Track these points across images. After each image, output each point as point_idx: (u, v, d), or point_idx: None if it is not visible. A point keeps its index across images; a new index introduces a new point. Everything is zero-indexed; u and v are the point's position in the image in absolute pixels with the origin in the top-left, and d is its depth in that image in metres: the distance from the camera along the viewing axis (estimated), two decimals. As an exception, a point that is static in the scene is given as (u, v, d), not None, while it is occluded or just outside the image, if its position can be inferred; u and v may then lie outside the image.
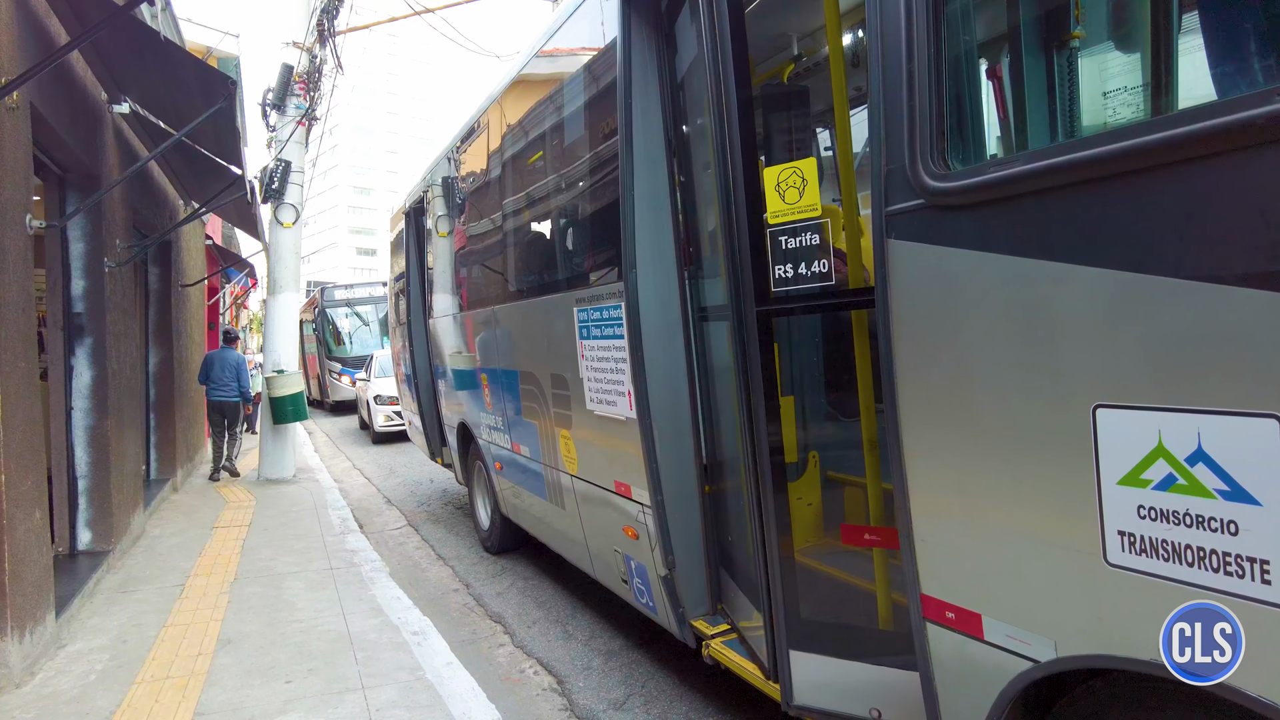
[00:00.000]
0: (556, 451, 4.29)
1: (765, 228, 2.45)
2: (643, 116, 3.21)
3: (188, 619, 4.52)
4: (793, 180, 2.37)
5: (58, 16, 4.81)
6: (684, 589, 3.32)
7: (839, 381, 3.24)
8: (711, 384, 3.29)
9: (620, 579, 3.87)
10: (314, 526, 6.86)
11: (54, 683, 3.69)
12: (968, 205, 1.80)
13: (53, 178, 5.36)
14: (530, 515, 5.15)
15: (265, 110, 9.58)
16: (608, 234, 3.43)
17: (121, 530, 5.90)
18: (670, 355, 3.27)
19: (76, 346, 5.56)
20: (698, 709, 3.45)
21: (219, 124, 5.21)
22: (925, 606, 2.02)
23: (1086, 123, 2.44)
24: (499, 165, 5.10)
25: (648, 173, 3.21)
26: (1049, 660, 1.72)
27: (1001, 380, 1.78)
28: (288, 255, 9.60)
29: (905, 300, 1.96)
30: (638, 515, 3.44)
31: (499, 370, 5.12)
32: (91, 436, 5.60)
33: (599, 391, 3.64)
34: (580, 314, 3.72)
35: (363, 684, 3.59)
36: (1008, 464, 1.77)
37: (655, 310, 3.23)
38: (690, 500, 3.30)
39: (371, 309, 20.41)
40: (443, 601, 5.08)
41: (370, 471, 10.66)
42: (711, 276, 3.28)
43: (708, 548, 3.32)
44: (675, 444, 3.29)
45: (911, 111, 1.89)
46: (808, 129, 4.02)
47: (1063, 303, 1.63)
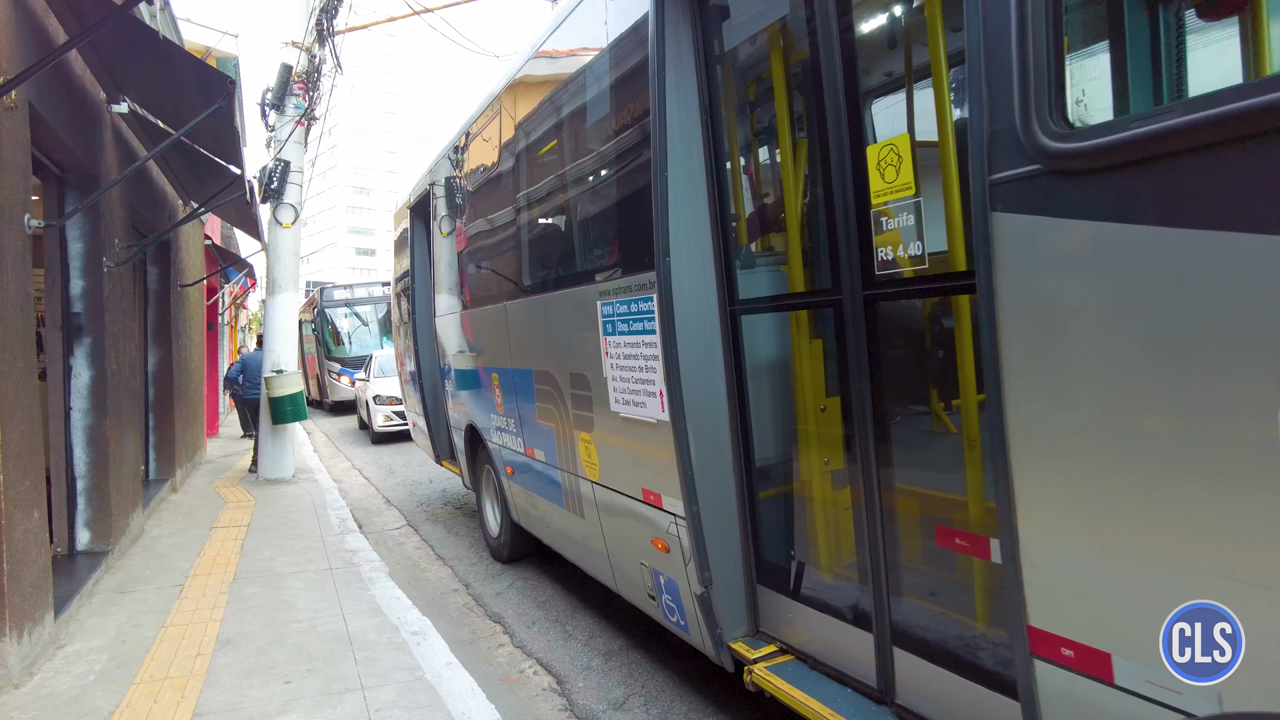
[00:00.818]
0: (575, 456, 4.05)
1: (868, 208, 2.31)
2: (677, 93, 2.97)
3: (187, 619, 4.51)
4: (890, 158, 2.22)
5: (56, 16, 4.80)
6: (722, 608, 3.04)
7: (902, 377, 2.89)
8: (754, 382, 3.05)
9: (647, 595, 3.62)
10: (313, 527, 6.85)
11: (52, 683, 3.69)
12: (1100, 169, 1.54)
13: (51, 177, 5.35)
14: (545, 524, 4.90)
15: (264, 110, 9.57)
16: (637, 221, 3.21)
17: (120, 530, 5.90)
18: (706, 351, 3.00)
19: (75, 346, 5.55)
20: (697, 709, 3.44)
21: (218, 124, 5.20)
22: (1033, 641, 1.78)
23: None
24: (513, 152, 4.81)
25: (683, 153, 2.98)
26: (1210, 716, 1.46)
27: (1145, 378, 1.53)
28: (286, 255, 9.59)
29: (1015, 283, 1.71)
30: (669, 527, 3.18)
31: (512, 370, 4.88)
32: (90, 436, 5.59)
33: (625, 392, 3.39)
34: (605, 308, 3.47)
35: (362, 684, 3.58)
36: (1149, 480, 1.54)
37: (690, 301, 2.97)
38: (728, 511, 3.04)
39: (371, 309, 20.30)
40: (442, 601, 5.08)
41: (369, 472, 10.65)
42: (750, 265, 3.10)
43: (748, 563, 3.06)
44: (712, 449, 3.02)
45: (1023, 60, 1.63)
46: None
47: (1235, 282, 1.36)
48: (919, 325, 2.87)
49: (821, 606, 2.78)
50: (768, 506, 3.09)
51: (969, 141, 1.79)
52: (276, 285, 9.58)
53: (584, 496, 4.06)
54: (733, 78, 3.23)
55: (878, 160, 2.26)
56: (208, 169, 7.22)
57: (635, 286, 3.20)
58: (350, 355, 19.38)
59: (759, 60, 3.25)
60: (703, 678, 3.69)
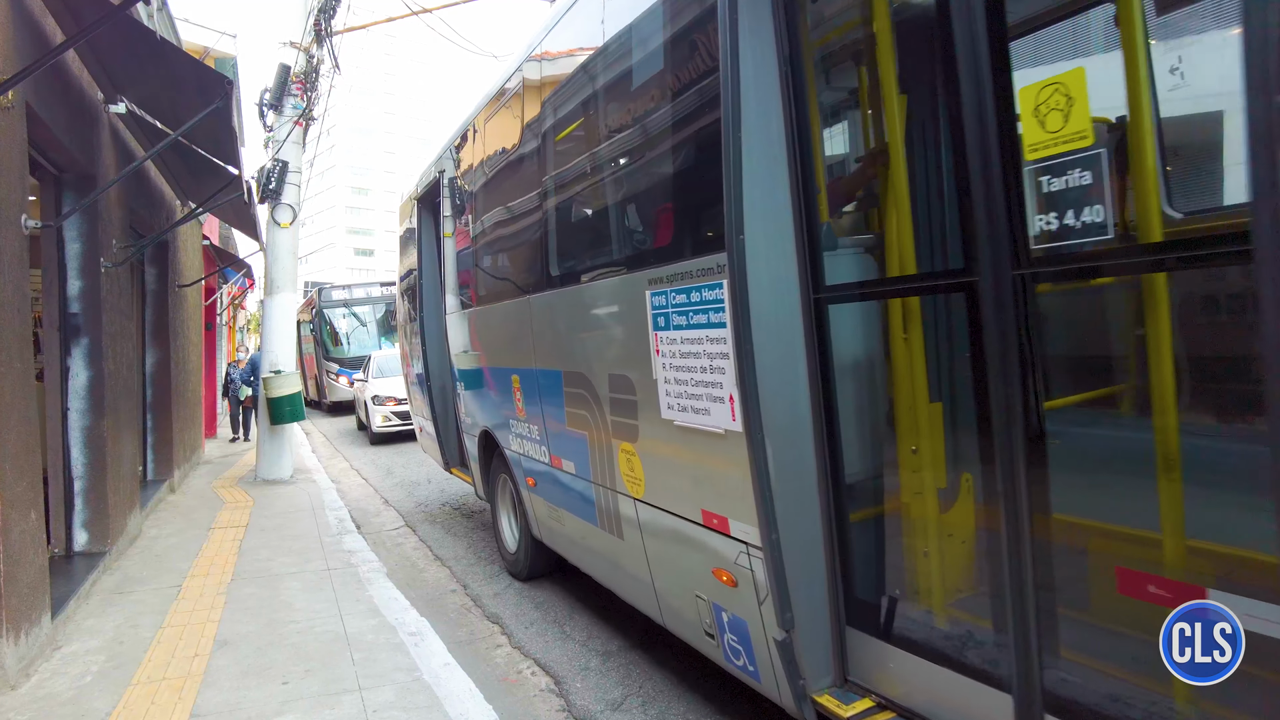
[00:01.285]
0: (614, 470, 3.56)
1: (1021, 165, 1.89)
2: (751, 38, 2.52)
3: (184, 620, 4.50)
4: (1055, 100, 1.80)
5: (53, 15, 4.80)
6: (805, 655, 2.59)
7: (1065, 377, 2.32)
8: (843, 384, 2.63)
9: (703, 632, 3.12)
10: (311, 527, 6.84)
11: (49, 684, 3.68)
12: None
13: (49, 177, 5.35)
14: (573, 542, 4.40)
15: (262, 110, 9.58)
16: (698, 196, 2.81)
17: (118, 531, 5.89)
18: (787, 347, 2.56)
19: (73, 347, 5.54)
20: (695, 709, 3.44)
21: (216, 124, 5.20)
22: None
23: None
24: (539, 128, 4.31)
25: (759, 110, 2.54)
26: None
27: None
28: (285, 256, 9.59)
29: None
30: (737, 558, 2.72)
31: (535, 371, 4.40)
32: (87, 437, 5.58)
33: (682, 396, 2.92)
34: (655, 299, 3.02)
35: (360, 685, 3.58)
36: None
37: (768, 288, 2.53)
38: (812, 539, 2.60)
39: (369, 309, 20.31)
40: (440, 602, 5.07)
41: (368, 472, 10.64)
42: (833, 247, 2.64)
43: (835, 600, 2.61)
44: (794, 467, 2.57)
45: None
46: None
47: None
48: (1092, 312, 2.29)
49: (934, 655, 2.35)
50: (860, 532, 2.65)
51: (1245, 50, 1.35)
52: (274, 286, 9.58)
53: (623, 515, 3.59)
54: (812, 18, 2.72)
55: (1036, 104, 1.83)
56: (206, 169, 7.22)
57: (697, 272, 2.75)
58: (349, 356, 19.35)
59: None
60: (701, 678, 3.69)
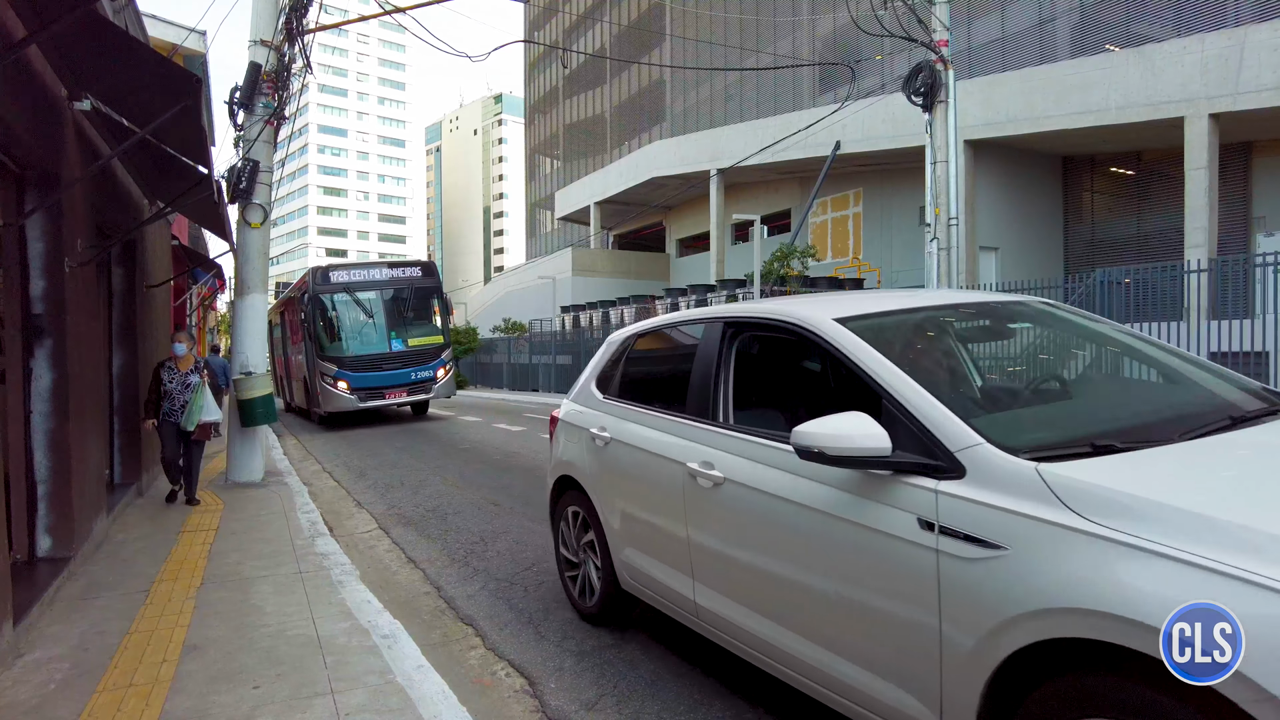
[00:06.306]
0: None
1: None
2: None
3: (152, 625, 4.43)
4: None
5: (14, 9, 4.70)
6: None
7: None
8: None
9: None
10: (283, 530, 6.76)
11: (11, 693, 3.60)
12: None
13: (10, 175, 5.23)
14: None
15: (233, 109, 9.46)
16: None
17: (83, 536, 5.77)
18: None
19: (36, 348, 5.43)
20: (669, 707, 3.46)
21: (184, 122, 5.13)
22: None
23: None
24: None
25: None
26: None
27: None
28: (256, 256, 9.47)
29: None
30: None
31: None
32: (51, 441, 5.47)
33: None
34: None
35: (332, 688, 3.54)
36: None
37: None
38: None
39: (375, 295, 16.97)
40: (414, 604, 5.04)
41: (340, 474, 10.53)
42: None
43: None
44: None
45: None
46: None
47: None
48: None
49: None
50: None
51: None
52: (245, 287, 9.46)
53: None
54: None
55: None
56: (174, 168, 7.11)
57: None
58: (348, 355, 16.36)
59: None
60: (675, 676, 3.71)
